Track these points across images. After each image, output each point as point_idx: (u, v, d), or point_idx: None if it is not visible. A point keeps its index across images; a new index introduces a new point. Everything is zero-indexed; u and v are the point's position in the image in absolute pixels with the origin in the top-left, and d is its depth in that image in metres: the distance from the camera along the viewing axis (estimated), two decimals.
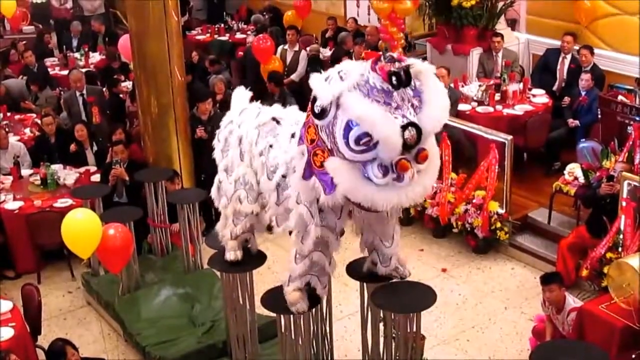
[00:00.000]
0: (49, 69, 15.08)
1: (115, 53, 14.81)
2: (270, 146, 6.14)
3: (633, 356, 6.90)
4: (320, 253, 5.96)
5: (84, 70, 14.01)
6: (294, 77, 13.72)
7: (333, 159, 5.16)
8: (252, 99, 6.90)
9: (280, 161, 5.99)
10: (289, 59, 14.01)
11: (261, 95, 8.84)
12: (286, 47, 14.19)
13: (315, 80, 5.26)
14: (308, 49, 14.49)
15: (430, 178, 5.34)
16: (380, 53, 5.24)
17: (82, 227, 7.60)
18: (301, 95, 11.17)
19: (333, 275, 6.35)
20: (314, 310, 6.52)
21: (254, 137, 6.30)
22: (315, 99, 5.20)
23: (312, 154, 5.31)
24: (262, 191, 6.33)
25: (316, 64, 13.34)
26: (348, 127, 5.04)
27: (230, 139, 6.60)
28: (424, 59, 13.23)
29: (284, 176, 5.96)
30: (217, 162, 6.82)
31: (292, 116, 6.19)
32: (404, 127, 4.97)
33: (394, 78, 5.03)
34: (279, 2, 17.69)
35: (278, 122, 6.21)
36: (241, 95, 6.97)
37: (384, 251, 6.18)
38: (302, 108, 5.96)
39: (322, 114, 5.15)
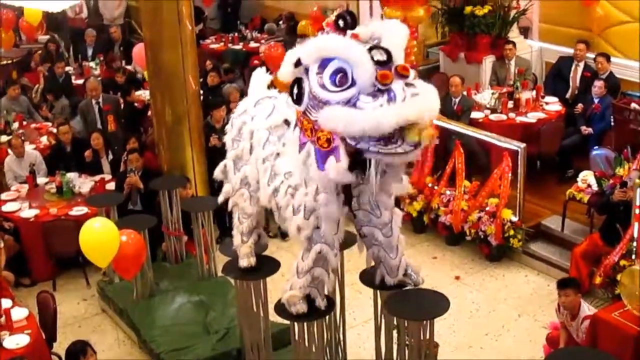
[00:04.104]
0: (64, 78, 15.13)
1: (120, 67, 14.89)
2: (277, 154, 6.12)
3: None
4: (321, 269, 5.99)
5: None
6: None
7: (322, 111, 5.07)
8: (270, 85, 6.89)
9: (284, 170, 5.96)
10: None
11: None
12: None
13: (280, 70, 5.40)
14: None
15: (432, 98, 5.10)
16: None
17: (100, 237, 7.60)
18: None
19: (345, 283, 6.34)
20: (327, 317, 6.52)
21: (263, 139, 6.26)
22: (291, 92, 5.26)
23: (316, 140, 5.23)
24: (259, 196, 6.34)
25: None
26: (320, 72, 5.08)
27: (244, 130, 6.54)
28: (437, 67, 13.39)
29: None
30: (226, 148, 6.78)
31: None
32: (370, 49, 5.01)
33: (340, 21, 5.14)
34: (294, 12, 17.71)
35: (289, 124, 6.20)
36: (260, 79, 6.90)
37: (389, 263, 6.17)
38: None
39: (299, 97, 5.22)
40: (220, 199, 7.01)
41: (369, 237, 6.09)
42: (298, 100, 5.24)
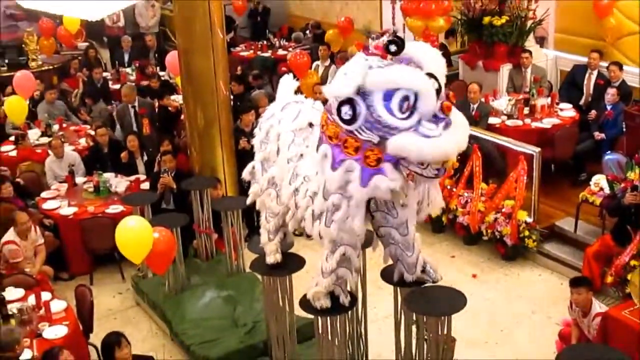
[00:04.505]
0: (102, 84, 15.24)
1: (154, 72, 14.99)
2: (301, 155, 6.12)
3: None
4: (344, 269, 6.01)
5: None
6: None
7: (394, 138, 5.16)
8: (297, 91, 6.92)
9: (304, 172, 5.95)
10: (320, 73, 14.11)
11: None
12: (318, 62, 14.28)
13: (330, 87, 5.35)
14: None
15: (464, 131, 5.37)
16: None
17: (135, 234, 7.64)
18: None
19: (367, 280, 6.34)
20: (349, 312, 6.53)
21: (288, 140, 6.27)
22: (340, 108, 5.24)
23: (363, 157, 5.29)
24: (281, 195, 6.34)
25: None
26: (387, 101, 5.12)
27: (271, 133, 6.55)
28: (457, 74, 13.36)
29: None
30: (254, 150, 6.80)
31: None
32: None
33: (391, 46, 5.16)
34: (320, 21, 17.77)
35: (313, 127, 6.21)
36: (287, 84, 6.92)
37: (407, 260, 6.17)
38: None
39: (352, 118, 5.22)
40: (249, 199, 7.04)
41: (386, 236, 6.10)
42: (350, 121, 5.25)
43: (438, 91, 5.16)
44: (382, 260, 6.35)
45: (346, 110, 5.23)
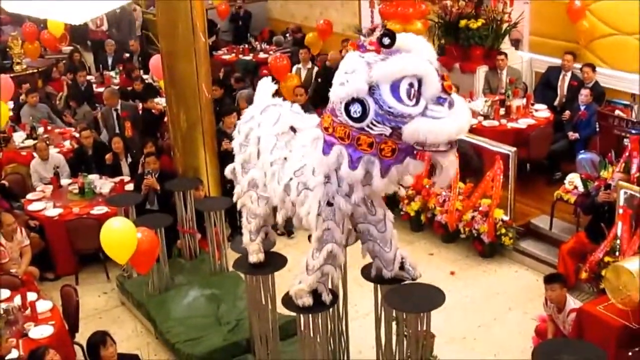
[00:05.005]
0: (86, 87, 15.18)
1: (138, 76, 14.92)
2: (285, 159, 6.14)
3: (630, 354, 6.86)
4: (330, 266, 6.03)
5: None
6: (309, 91, 13.76)
7: (406, 127, 5.22)
8: (274, 94, 6.92)
9: (294, 169, 6.00)
10: (303, 76, 14.09)
11: None
12: (300, 65, 14.27)
13: (337, 89, 5.36)
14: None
15: (466, 107, 5.48)
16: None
17: (120, 235, 7.61)
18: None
19: (348, 278, 6.35)
20: (331, 310, 6.53)
21: (270, 145, 6.29)
22: (348, 108, 5.27)
23: (378, 151, 5.36)
24: (270, 196, 6.36)
25: (326, 71, 13.36)
26: (395, 92, 5.18)
27: (250, 136, 6.58)
28: None
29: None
30: (234, 153, 6.81)
31: (310, 123, 6.18)
32: None
33: (385, 39, 5.22)
34: (300, 24, 17.77)
35: (295, 131, 6.22)
36: (266, 87, 6.93)
37: (385, 256, 6.20)
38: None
39: (362, 115, 5.26)
40: (235, 198, 7.03)
41: (365, 233, 6.14)
42: (360, 118, 5.28)
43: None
44: (361, 254, 6.35)
45: (355, 109, 5.27)
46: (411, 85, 5.16)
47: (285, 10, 18.85)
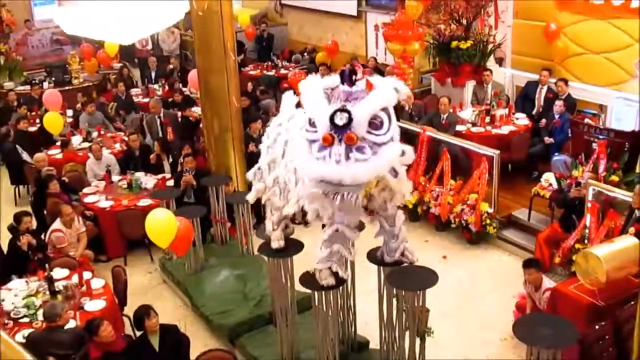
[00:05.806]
0: (134, 98, 15.23)
1: (178, 88, 14.93)
2: None
3: (597, 327, 6.84)
4: (339, 245, 5.98)
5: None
6: None
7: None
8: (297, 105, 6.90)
9: None
10: None
11: None
12: None
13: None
14: None
15: (374, 167, 5.03)
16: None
17: (162, 223, 7.64)
18: None
19: (355, 261, 6.34)
20: (340, 288, 6.53)
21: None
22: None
23: None
24: (290, 190, 6.29)
25: None
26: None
27: (279, 140, 6.52)
28: (429, 90, 13.36)
29: None
30: (261, 154, 6.77)
31: None
32: (336, 111, 4.99)
33: (342, 76, 5.16)
34: (315, 45, 17.76)
35: None
36: (290, 99, 6.85)
37: (390, 245, 6.24)
38: None
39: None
40: (251, 196, 7.01)
41: (379, 223, 6.15)
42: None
43: (342, 126, 4.95)
44: (367, 242, 6.35)
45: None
46: (310, 118, 5.18)
47: (303, 33, 18.89)
